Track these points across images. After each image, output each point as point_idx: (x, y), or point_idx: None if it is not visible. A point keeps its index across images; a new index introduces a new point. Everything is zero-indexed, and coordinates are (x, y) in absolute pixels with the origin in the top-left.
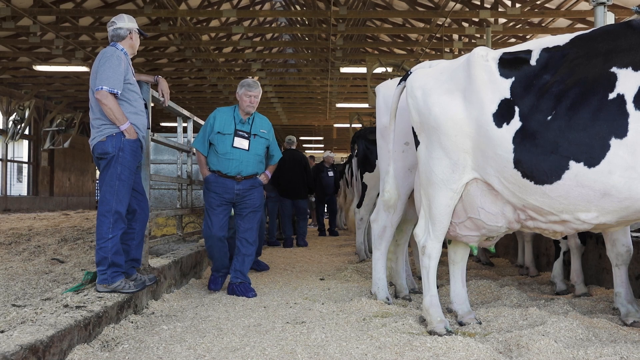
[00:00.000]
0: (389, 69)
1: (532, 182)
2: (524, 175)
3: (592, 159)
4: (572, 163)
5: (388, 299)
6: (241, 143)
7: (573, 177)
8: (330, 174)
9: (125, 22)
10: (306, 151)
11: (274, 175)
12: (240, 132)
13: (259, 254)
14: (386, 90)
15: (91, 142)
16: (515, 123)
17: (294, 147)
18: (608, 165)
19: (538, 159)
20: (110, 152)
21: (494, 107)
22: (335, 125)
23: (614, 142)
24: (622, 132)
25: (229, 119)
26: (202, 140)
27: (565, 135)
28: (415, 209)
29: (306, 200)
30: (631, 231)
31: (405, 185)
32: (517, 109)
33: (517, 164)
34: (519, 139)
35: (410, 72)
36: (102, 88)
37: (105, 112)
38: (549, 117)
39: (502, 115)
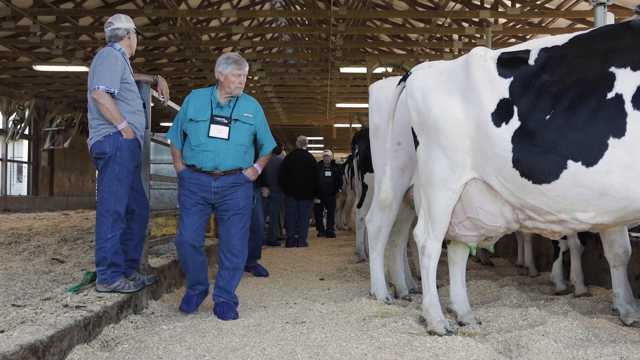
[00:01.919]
0: (389, 69)
1: (531, 182)
2: (522, 175)
3: (590, 159)
4: (570, 162)
5: (388, 299)
6: (219, 131)
7: (571, 176)
8: (328, 173)
9: (122, 22)
10: (308, 151)
11: (281, 173)
12: (218, 118)
13: (258, 257)
14: (378, 90)
15: (89, 142)
16: (514, 122)
17: (305, 147)
18: (606, 164)
19: (536, 158)
20: (108, 152)
21: (492, 107)
22: (335, 125)
23: (612, 141)
24: (620, 132)
25: (204, 102)
26: (176, 130)
27: (563, 134)
28: (410, 209)
29: (311, 201)
30: (630, 230)
31: (398, 185)
32: (515, 109)
33: (516, 163)
34: (518, 138)
35: (410, 73)
36: (98, 87)
37: (102, 111)
38: (548, 117)
39: (500, 114)
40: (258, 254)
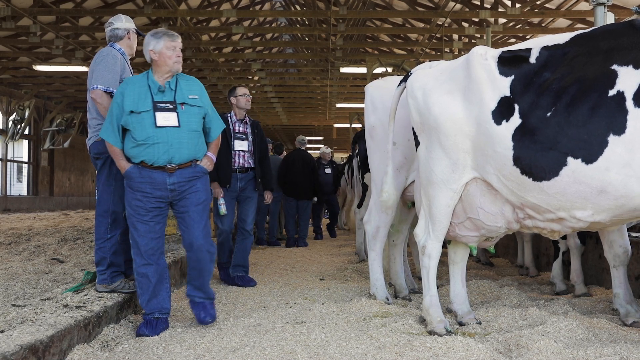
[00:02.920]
0: (389, 69)
1: (531, 179)
2: (522, 172)
3: (590, 155)
4: (570, 159)
5: (388, 299)
6: (167, 119)
7: (571, 173)
8: (328, 171)
9: (122, 23)
10: (307, 151)
11: (280, 173)
12: (162, 105)
13: (245, 267)
14: (374, 90)
15: (88, 142)
16: (515, 120)
17: (304, 147)
18: (605, 162)
19: (537, 155)
20: (106, 152)
21: (493, 105)
22: (335, 125)
23: (612, 138)
24: (620, 129)
25: (142, 90)
26: (112, 128)
27: (564, 131)
28: (407, 209)
29: (310, 201)
30: (630, 229)
31: (395, 186)
32: (516, 107)
33: (516, 160)
34: (519, 136)
35: (411, 73)
36: (97, 87)
37: (100, 111)
38: (549, 114)
39: (501, 112)
40: (244, 262)
